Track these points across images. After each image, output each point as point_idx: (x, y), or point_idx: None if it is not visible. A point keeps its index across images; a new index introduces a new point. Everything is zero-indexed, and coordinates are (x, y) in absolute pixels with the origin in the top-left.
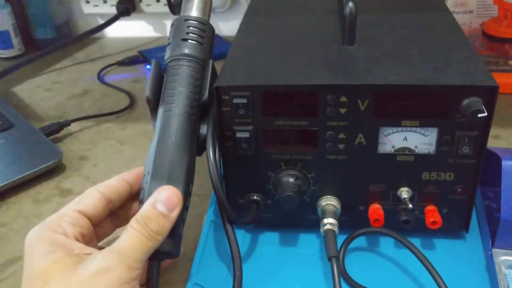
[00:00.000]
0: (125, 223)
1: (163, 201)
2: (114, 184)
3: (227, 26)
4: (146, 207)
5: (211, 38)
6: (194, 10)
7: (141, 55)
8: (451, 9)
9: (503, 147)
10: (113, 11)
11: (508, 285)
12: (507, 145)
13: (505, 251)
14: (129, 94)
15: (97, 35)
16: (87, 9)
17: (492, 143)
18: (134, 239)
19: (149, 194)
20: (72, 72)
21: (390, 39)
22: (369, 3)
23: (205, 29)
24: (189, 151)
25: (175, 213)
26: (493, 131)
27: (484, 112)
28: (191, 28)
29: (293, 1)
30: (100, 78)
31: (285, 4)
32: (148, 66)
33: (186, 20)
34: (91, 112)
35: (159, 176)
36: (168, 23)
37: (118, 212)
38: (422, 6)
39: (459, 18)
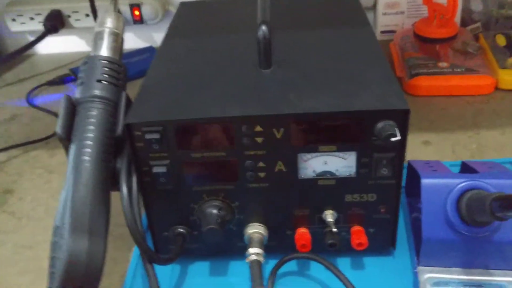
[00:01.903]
0: None
1: None
2: None
3: (161, 37)
4: None
5: (125, 79)
6: (107, 50)
7: (72, 73)
8: (383, 10)
9: (426, 161)
10: (42, 27)
11: None
12: (437, 151)
13: (430, 268)
14: None
15: (27, 52)
16: (14, 27)
17: (422, 150)
18: None
19: (69, 250)
20: (0, 95)
21: (308, 60)
22: (289, 19)
23: (120, 70)
24: (106, 200)
25: None
26: (423, 137)
27: (397, 136)
28: (106, 69)
29: (216, 18)
30: (29, 100)
31: (208, 22)
32: None
33: (100, 60)
34: (19, 139)
35: (79, 230)
36: None
37: None
38: (343, 20)
39: (391, 20)
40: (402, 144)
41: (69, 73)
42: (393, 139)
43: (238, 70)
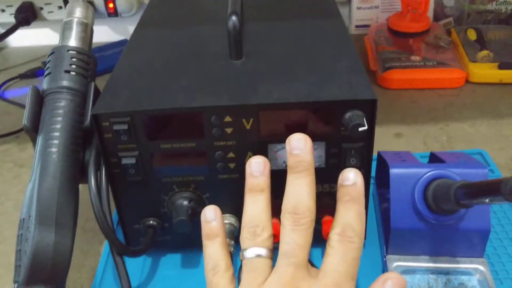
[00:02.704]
0: None
1: None
2: None
3: None
4: None
5: (94, 70)
6: (75, 40)
7: (44, 66)
8: (357, 4)
9: (395, 151)
10: (13, 20)
11: None
12: (408, 142)
13: (398, 256)
14: None
15: None
16: None
17: (394, 142)
18: None
19: (35, 242)
20: None
21: (279, 51)
22: (261, 11)
23: (89, 61)
24: (74, 192)
25: None
26: (395, 129)
27: (365, 126)
28: (74, 59)
29: (188, 10)
30: (0, 94)
31: (180, 13)
32: None
33: (68, 50)
34: None
35: (45, 223)
36: None
37: None
38: (314, 12)
39: (366, 14)
40: (370, 134)
41: (41, 66)
42: (360, 128)
43: (209, 61)
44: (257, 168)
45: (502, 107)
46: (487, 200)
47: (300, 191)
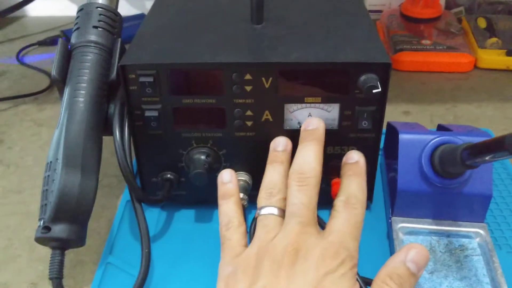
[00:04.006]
0: None
1: (415, 260)
2: None
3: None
4: (398, 264)
5: (120, 28)
6: None
7: (63, 35)
8: None
9: (405, 122)
10: None
11: None
12: (416, 120)
13: (402, 218)
14: (49, 75)
15: (17, 13)
16: None
17: (403, 118)
18: None
19: (62, 182)
20: None
21: (297, 18)
22: None
23: (116, 19)
24: (99, 139)
25: (421, 273)
26: (403, 107)
27: (378, 88)
28: (103, 16)
29: None
30: (19, 58)
31: None
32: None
33: (97, 7)
34: (8, 93)
35: (72, 165)
36: None
37: None
38: None
39: None
40: (382, 98)
41: (59, 35)
42: (374, 90)
43: (231, 24)
44: (281, 144)
45: (508, 92)
46: (491, 157)
47: (307, 155)
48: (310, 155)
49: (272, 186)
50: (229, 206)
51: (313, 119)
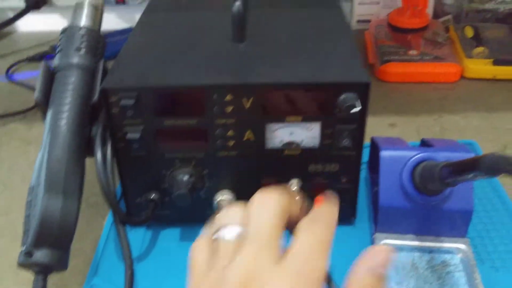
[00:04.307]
0: None
1: (381, 263)
2: None
3: None
4: (366, 274)
5: (103, 49)
6: (86, 19)
7: (52, 50)
8: (359, 0)
9: (388, 137)
10: (23, 4)
11: None
12: (402, 132)
13: (386, 234)
14: None
15: (7, 29)
16: None
17: (388, 131)
18: None
19: (44, 207)
20: None
21: (279, 36)
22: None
23: (99, 40)
24: (81, 162)
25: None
26: (389, 119)
27: (358, 107)
28: (85, 37)
29: None
30: (8, 75)
31: (186, 0)
32: None
33: (80, 29)
34: None
35: (53, 189)
36: None
37: None
38: (315, 1)
39: (367, 9)
40: (362, 116)
41: (49, 51)
42: (353, 110)
43: (213, 43)
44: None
45: (494, 101)
46: (469, 176)
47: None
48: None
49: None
50: None
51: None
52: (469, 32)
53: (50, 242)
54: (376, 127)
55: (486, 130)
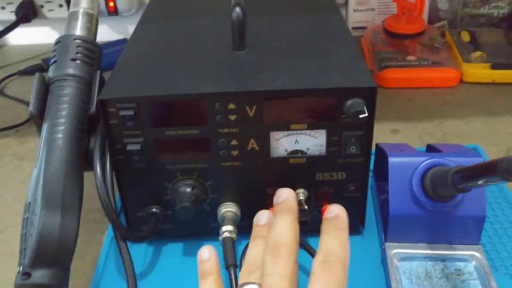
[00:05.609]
0: None
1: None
2: None
3: None
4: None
5: (99, 59)
6: (81, 29)
7: (44, 63)
8: (354, 7)
9: (394, 143)
10: (13, 17)
11: (400, 277)
12: (405, 138)
13: (396, 244)
14: None
15: None
16: None
17: (391, 137)
18: None
19: (41, 224)
20: None
21: (280, 43)
22: (263, 5)
23: (95, 50)
24: (79, 176)
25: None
26: (392, 125)
27: (365, 113)
28: (81, 48)
29: (191, 4)
30: None
31: (183, 7)
32: None
33: (75, 39)
34: None
35: (51, 206)
36: None
37: None
38: (314, 8)
39: (362, 16)
40: (370, 122)
41: (41, 64)
42: (361, 115)
43: (213, 51)
44: (264, 217)
45: (495, 105)
46: (483, 182)
47: (279, 227)
48: (283, 226)
49: (252, 263)
50: (207, 285)
51: (282, 191)
52: (466, 36)
53: (49, 261)
54: (378, 133)
55: (488, 134)
